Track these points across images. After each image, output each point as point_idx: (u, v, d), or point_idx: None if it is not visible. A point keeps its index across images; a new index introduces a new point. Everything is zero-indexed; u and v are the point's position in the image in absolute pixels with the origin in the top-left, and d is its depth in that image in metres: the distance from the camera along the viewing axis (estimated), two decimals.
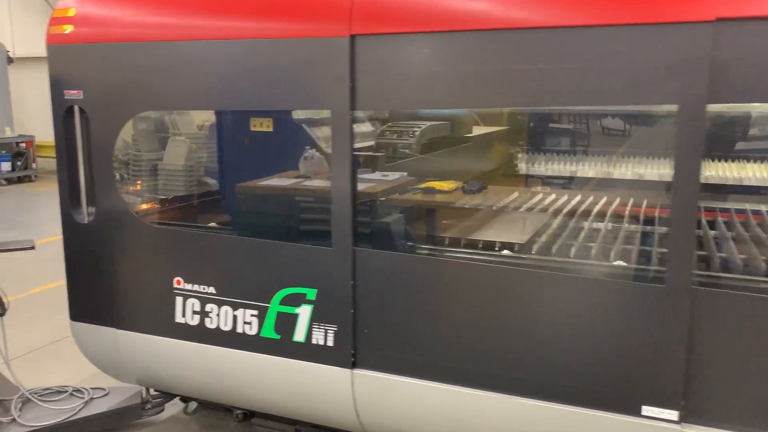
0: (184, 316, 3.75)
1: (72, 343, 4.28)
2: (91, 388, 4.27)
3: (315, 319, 3.43)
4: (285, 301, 3.48)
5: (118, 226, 3.81)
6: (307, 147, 5.19)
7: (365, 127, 4.00)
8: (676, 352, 2.76)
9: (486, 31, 2.88)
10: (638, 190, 4.00)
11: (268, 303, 3.52)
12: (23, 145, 15.73)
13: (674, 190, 2.68)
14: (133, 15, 3.58)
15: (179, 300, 3.75)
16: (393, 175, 3.89)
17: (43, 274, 7.88)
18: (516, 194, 4.06)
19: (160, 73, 3.54)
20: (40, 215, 11.74)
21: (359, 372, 3.39)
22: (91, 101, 3.73)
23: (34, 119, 17.74)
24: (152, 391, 4.31)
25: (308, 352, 3.47)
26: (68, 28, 3.72)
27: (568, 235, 3.78)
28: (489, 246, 3.56)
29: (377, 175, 4.36)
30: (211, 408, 4.41)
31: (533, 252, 3.46)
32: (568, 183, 4.05)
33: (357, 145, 3.26)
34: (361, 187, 3.30)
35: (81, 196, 3.90)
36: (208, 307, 3.68)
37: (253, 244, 3.54)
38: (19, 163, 15.36)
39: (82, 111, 3.79)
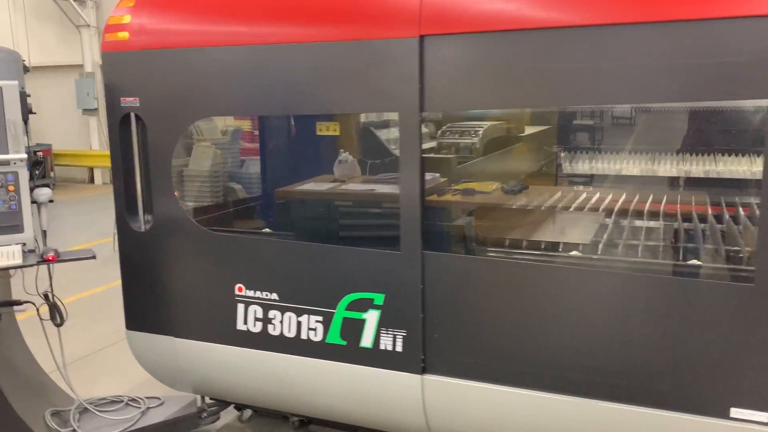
0: (245, 323, 3.72)
1: (114, 352, 4.27)
2: (146, 398, 4.23)
3: (383, 324, 3.38)
4: (351, 307, 3.43)
5: (177, 233, 3.78)
6: (341, 150, 5.16)
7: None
8: (766, 353, 2.70)
9: (562, 29, 2.83)
10: (697, 188, 3.95)
11: (334, 309, 3.48)
12: (40, 153, 15.76)
13: (765, 187, 2.62)
14: (192, 20, 3.55)
15: (241, 307, 3.71)
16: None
17: (76, 283, 7.89)
18: (559, 194, 4.01)
19: (221, 78, 3.50)
20: (62, 224, 11.74)
21: (429, 377, 3.34)
22: (149, 108, 3.70)
23: (51, 128, 17.82)
24: (207, 399, 4.27)
25: (376, 357, 3.43)
26: (124, 35, 3.70)
27: (631, 235, 3.74)
28: (554, 247, 3.52)
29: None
30: (266, 415, 4.38)
31: (600, 252, 3.42)
32: (625, 181, 4.01)
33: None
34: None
35: (138, 204, 3.87)
36: (271, 313, 3.64)
37: (317, 249, 3.50)
38: (37, 172, 15.39)
39: (138, 118, 3.76)
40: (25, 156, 3.62)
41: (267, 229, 4.03)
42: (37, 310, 3.86)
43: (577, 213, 4.04)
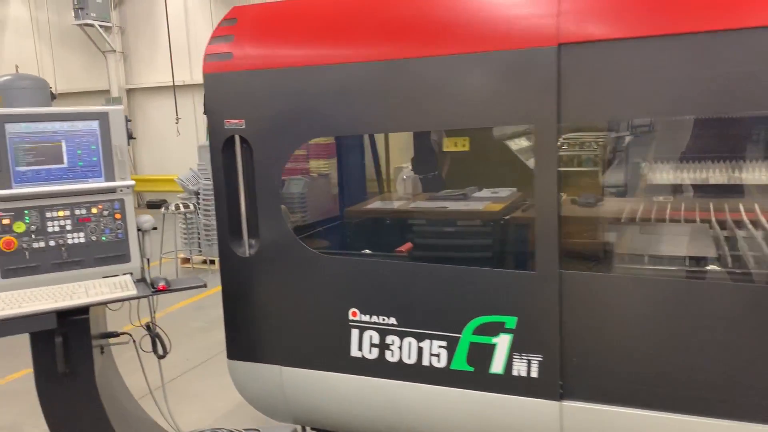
0: (360, 349, 3.56)
1: (188, 381, 4.11)
2: (245, 429, 4.08)
3: (515, 348, 3.22)
4: (479, 331, 3.28)
5: (286, 257, 3.64)
6: (404, 166, 5.02)
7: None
8: None
9: (718, 32, 2.69)
10: None
11: (460, 333, 3.32)
12: None
13: None
14: (303, 38, 3.44)
15: (355, 333, 3.56)
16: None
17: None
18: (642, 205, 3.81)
19: (335, 97, 3.38)
20: None
21: (568, 404, 3.17)
22: (255, 130, 3.58)
23: None
24: (308, 430, 4.11)
25: (508, 384, 3.26)
26: (227, 56, 3.58)
27: (753, 246, 3.56)
28: (680, 261, 3.35)
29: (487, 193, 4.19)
30: None
31: (731, 265, 3.25)
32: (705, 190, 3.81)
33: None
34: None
35: (242, 228, 3.73)
36: (389, 339, 3.48)
37: (441, 271, 3.35)
38: None
39: (243, 140, 3.63)
40: (133, 183, 3.50)
41: (398, 250, 3.86)
42: (134, 341, 3.73)
43: (682, 225, 3.87)
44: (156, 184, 16.68)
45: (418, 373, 3.44)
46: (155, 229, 3.65)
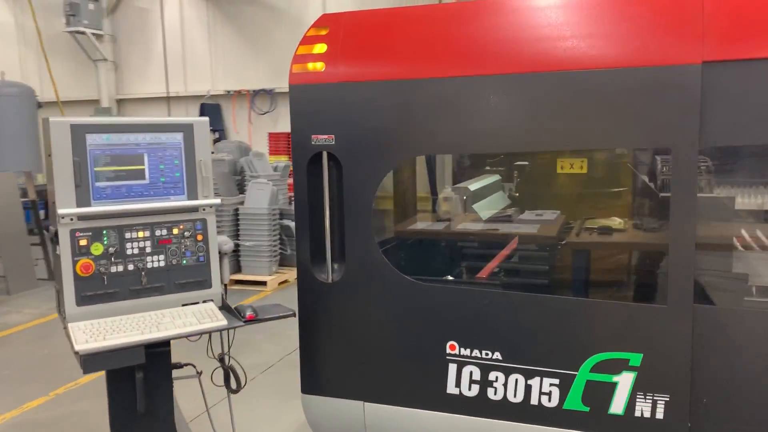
0: (458, 386, 3.29)
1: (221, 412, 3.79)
2: None
3: (639, 387, 2.98)
4: (598, 368, 3.03)
5: (375, 283, 3.36)
6: (447, 187, 4.79)
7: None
8: None
9: None
10: None
11: (576, 371, 3.07)
12: None
13: None
14: (408, 49, 3.19)
15: (452, 367, 3.29)
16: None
17: None
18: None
19: (441, 112, 3.14)
20: None
21: None
22: (347, 146, 3.31)
23: None
24: None
25: (628, 425, 3.02)
26: (318, 66, 3.32)
27: None
28: None
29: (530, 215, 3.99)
30: None
31: None
32: None
33: None
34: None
35: (326, 251, 3.45)
36: (492, 375, 3.22)
37: (557, 303, 3.11)
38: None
39: (331, 157, 3.36)
40: (218, 201, 3.20)
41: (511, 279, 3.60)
42: (198, 372, 3.41)
43: None
44: None
45: (524, 412, 3.18)
46: (235, 251, 3.34)
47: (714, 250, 3.26)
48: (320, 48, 3.33)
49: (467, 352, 3.25)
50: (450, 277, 3.72)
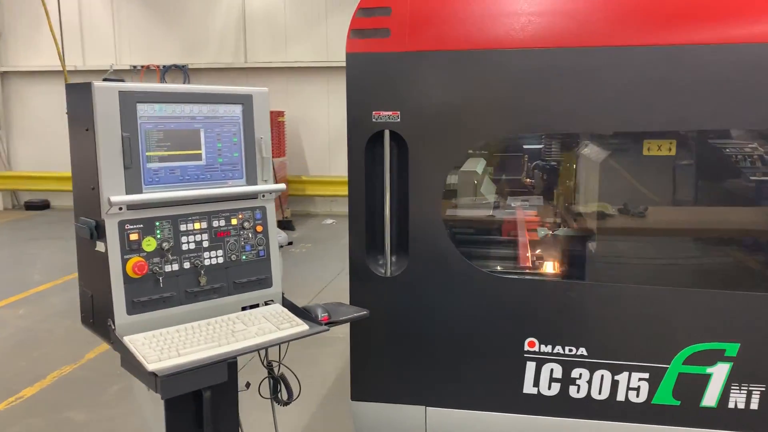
0: (536, 385, 3.05)
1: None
2: None
3: (734, 378, 2.88)
4: (691, 360, 2.90)
5: (443, 277, 3.04)
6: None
7: None
8: None
9: None
10: None
11: (668, 363, 2.92)
12: None
13: None
14: (486, 14, 2.86)
15: (530, 366, 3.04)
16: None
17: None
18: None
19: (531, 88, 2.85)
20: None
21: None
22: (414, 125, 2.95)
23: None
24: None
25: (721, 418, 2.92)
26: (384, 32, 2.93)
27: None
28: None
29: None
30: None
31: None
32: None
33: None
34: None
35: (385, 243, 3.08)
36: (576, 372, 3.01)
37: (648, 294, 2.94)
38: None
39: (394, 136, 2.99)
40: (282, 187, 2.74)
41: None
42: (247, 385, 2.96)
43: None
44: (36, 182, 14.69)
45: (610, 409, 3.00)
46: (291, 244, 2.91)
47: None
48: (386, 11, 2.93)
49: (548, 348, 3.02)
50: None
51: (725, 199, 3.29)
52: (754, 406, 2.89)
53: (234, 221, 2.62)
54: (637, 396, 2.97)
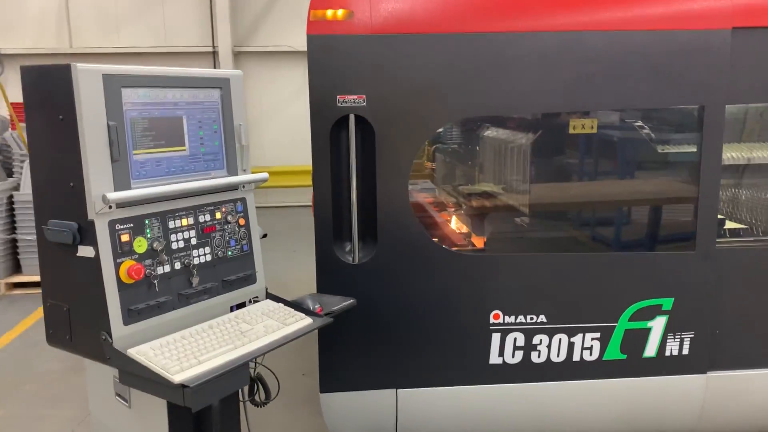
0: (501, 355, 3.20)
1: None
2: None
3: (670, 329, 3.24)
4: (636, 317, 3.21)
5: (412, 261, 3.07)
6: None
7: None
8: None
9: None
10: None
11: (616, 322, 3.21)
12: None
13: None
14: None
15: (496, 337, 3.18)
16: None
17: None
18: None
19: (489, 71, 2.95)
20: None
21: (713, 374, 3.30)
22: (380, 108, 2.93)
23: None
24: None
25: (660, 366, 3.27)
26: (345, 13, 2.87)
27: None
28: None
29: None
30: None
31: None
32: None
33: None
34: None
35: (352, 229, 3.03)
36: (536, 338, 3.20)
37: (599, 260, 3.19)
38: None
39: (360, 121, 2.95)
40: (264, 176, 2.60)
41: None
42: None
43: None
44: None
45: (567, 370, 3.23)
46: (265, 236, 2.77)
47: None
48: None
49: (512, 319, 3.17)
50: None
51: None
52: (685, 351, 3.27)
53: (218, 215, 2.45)
54: (591, 354, 3.23)
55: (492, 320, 3.17)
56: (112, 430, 2.48)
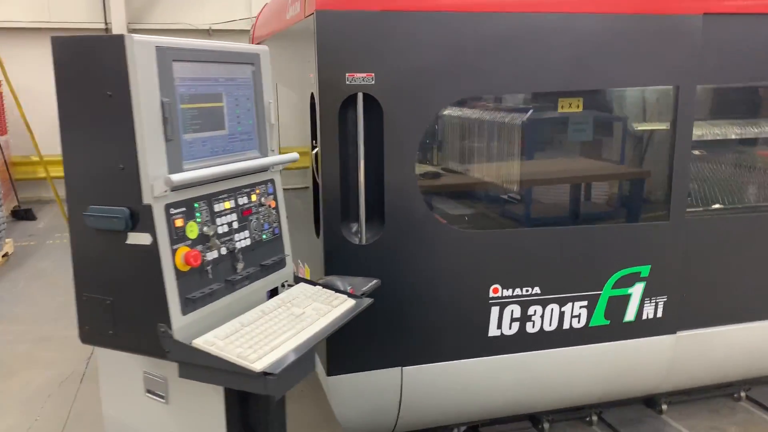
0: (499, 327, 3.31)
1: None
2: None
3: (647, 294, 3.49)
4: (618, 284, 3.43)
5: (418, 240, 3.09)
6: None
7: None
8: None
9: None
10: None
11: (601, 290, 3.41)
12: None
13: None
14: None
15: (495, 310, 3.29)
16: None
17: None
18: None
19: (494, 49, 3.02)
20: None
21: (682, 334, 3.60)
22: (389, 86, 2.91)
23: None
24: None
25: (637, 329, 3.51)
26: None
27: None
28: None
29: None
30: None
31: None
32: None
33: None
34: None
35: (360, 210, 3.00)
36: (531, 309, 3.34)
37: (586, 232, 3.37)
38: None
39: (368, 100, 2.92)
40: (296, 156, 2.52)
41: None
42: None
43: None
44: None
45: (557, 338, 3.40)
46: None
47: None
48: None
49: (509, 292, 3.28)
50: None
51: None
52: (659, 314, 3.53)
53: (254, 197, 2.35)
54: (579, 322, 3.41)
55: (491, 294, 3.26)
56: (141, 431, 2.33)
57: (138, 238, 1.92)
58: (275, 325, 2.09)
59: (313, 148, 3.07)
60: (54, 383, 4.70)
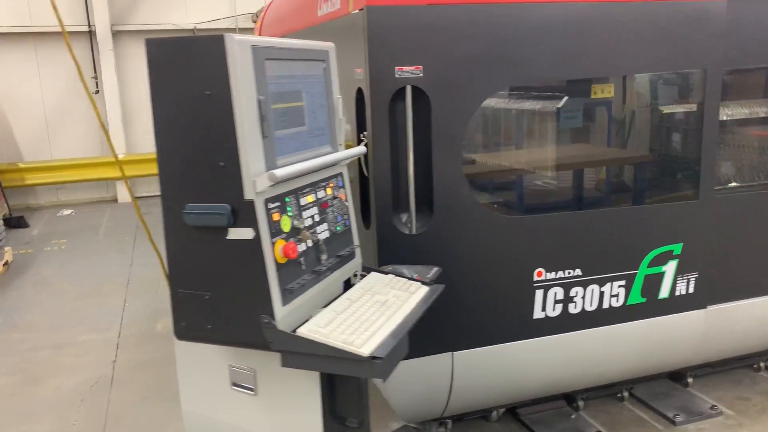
0: (543, 309, 3.41)
1: None
2: None
3: (680, 271, 3.62)
4: (653, 263, 3.56)
5: (466, 228, 3.18)
6: None
7: None
8: None
9: None
10: None
11: (637, 269, 3.53)
12: None
13: None
14: None
15: (539, 293, 3.39)
16: None
17: None
18: None
19: (532, 39, 3.11)
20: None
21: (711, 308, 3.75)
22: (437, 79, 2.99)
23: None
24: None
25: (672, 305, 3.65)
26: None
27: None
28: None
29: None
30: (465, 419, 3.93)
31: None
32: None
33: None
34: None
35: (410, 201, 3.08)
36: (573, 291, 3.45)
37: (623, 213, 3.48)
38: None
39: (416, 92, 2.99)
40: (362, 150, 2.58)
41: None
42: None
43: None
44: None
45: (598, 317, 3.51)
46: None
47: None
48: None
49: (552, 275, 3.39)
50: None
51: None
52: (691, 290, 3.67)
53: (329, 191, 2.41)
54: (617, 301, 3.53)
55: (536, 277, 3.36)
56: (226, 423, 2.38)
57: (239, 233, 1.97)
58: (366, 312, 2.16)
59: (359, 141, 3.13)
60: (83, 388, 4.69)
